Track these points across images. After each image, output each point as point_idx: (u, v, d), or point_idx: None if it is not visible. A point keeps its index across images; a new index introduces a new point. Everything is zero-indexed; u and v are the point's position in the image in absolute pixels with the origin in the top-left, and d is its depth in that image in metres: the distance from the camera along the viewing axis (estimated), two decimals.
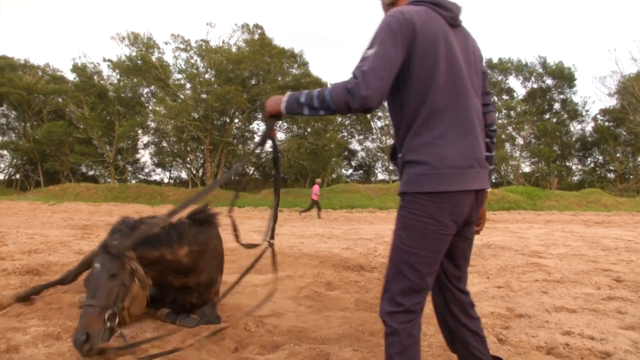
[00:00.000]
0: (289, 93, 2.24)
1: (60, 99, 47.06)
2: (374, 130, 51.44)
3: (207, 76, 40.69)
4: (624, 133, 45.12)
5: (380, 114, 50.09)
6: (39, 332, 3.23)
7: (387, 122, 50.32)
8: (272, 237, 3.09)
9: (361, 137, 51.97)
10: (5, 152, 48.87)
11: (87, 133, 43.31)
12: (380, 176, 53.40)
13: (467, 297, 2.35)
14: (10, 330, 3.30)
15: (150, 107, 44.39)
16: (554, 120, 47.35)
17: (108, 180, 46.64)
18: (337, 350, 2.94)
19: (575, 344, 3.27)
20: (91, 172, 49.94)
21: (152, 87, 43.92)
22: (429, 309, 2.47)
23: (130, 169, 49.94)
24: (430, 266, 2.07)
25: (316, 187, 22.20)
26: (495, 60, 47.68)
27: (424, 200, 2.02)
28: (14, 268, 5.62)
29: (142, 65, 39.26)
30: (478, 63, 2.28)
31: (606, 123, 46.48)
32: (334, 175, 46.65)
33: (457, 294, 2.31)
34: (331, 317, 3.87)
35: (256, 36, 40.49)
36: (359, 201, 31.53)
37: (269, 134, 2.59)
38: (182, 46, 41.00)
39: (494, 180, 48.34)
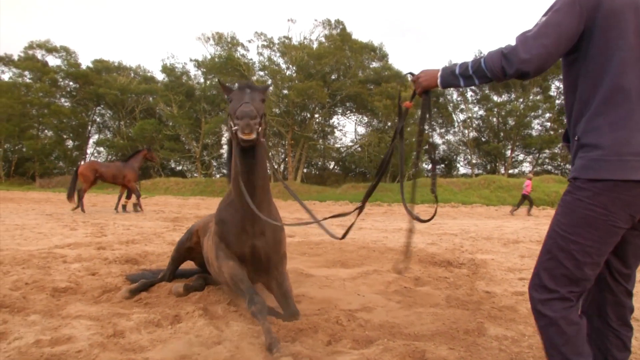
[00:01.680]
0: (442, 66, 2.22)
1: (151, 99, 49.62)
2: (456, 123, 50.08)
3: (288, 72, 41.31)
4: None
5: (462, 106, 48.76)
6: (141, 318, 3.39)
7: (470, 115, 48.89)
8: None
9: (442, 130, 50.79)
10: (101, 148, 52.33)
11: (176, 130, 45.51)
12: (462, 170, 52.00)
13: (630, 301, 2.15)
14: (115, 316, 3.49)
15: None
16: None
17: (195, 174, 48.71)
18: (432, 348, 2.86)
19: None
20: (179, 167, 52.38)
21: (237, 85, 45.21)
22: (524, 308, 2.29)
23: (215, 164, 51.82)
24: (591, 256, 1.91)
25: (528, 183, 21.95)
26: None
27: (597, 188, 1.86)
28: (114, 257, 5.97)
29: (227, 62, 40.48)
30: None
31: None
32: (413, 170, 45.93)
33: (619, 295, 2.12)
34: (422, 313, 3.78)
35: (337, 31, 40.54)
36: (441, 195, 30.83)
37: (429, 109, 2.59)
38: (264, 43, 41.89)
39: None
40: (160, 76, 50.84)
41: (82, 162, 17.19)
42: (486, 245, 8.49)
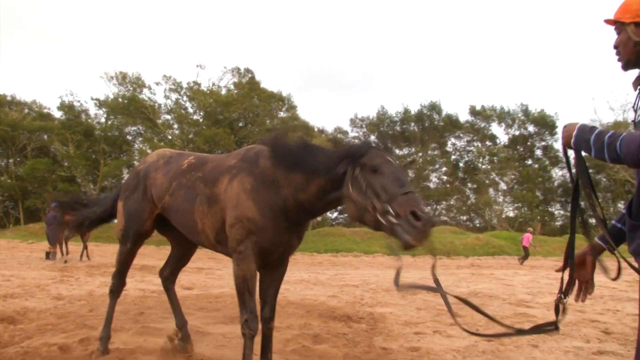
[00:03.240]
0: (580, 125, 2.02)
1: (45, 136, 46.75)
2: None
3: (195, 117, 40.88)
4: (604, 180, 45.88)
5: None
6: None
7: None
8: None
9: None
10: None
11: (72, 171, 42.99)
12: None
13: None
14: None
15: (137, 147, 44.34)
16: (536, 166, 48.14)
17: None
18: None
19: None
20: None
21: (140, 127, 43.93)
22: None
23: None
24: None
25: (529, 236, 23.58)
26: (478, 108, 48.73)
27: None
28: None
29: (131, 104, 39.39)
30: None
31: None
32: (319, 219, 46.47)
33: None
34: None
35: (245, 79, 40.96)
36: (344, 245, 31.36)
37: (569, 167, 2.33)
38: (173, 87, 41.32)
39: (477, 225, 48.58)
40: (57, 113, 48.24)
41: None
42: (385, 298, 8.66)
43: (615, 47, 2.05)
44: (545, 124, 47.08)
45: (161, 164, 4.01)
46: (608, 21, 2.07)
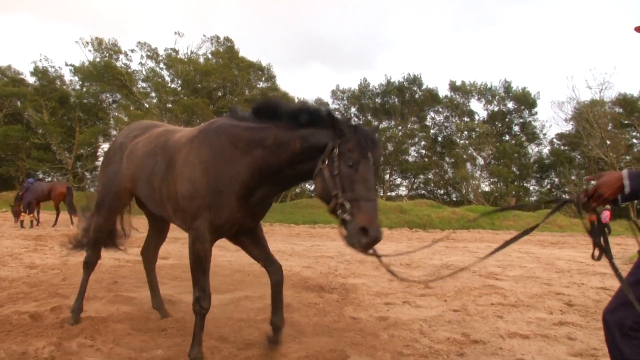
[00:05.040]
0: (626, 172, 2.05)
1: (18, 103, 45.66)
2: None
3: (172, 85, 40.24)
4: (579, 157, 46.74)
5: None
6: None
7: None
8: None
9: None
10: None
11: (46, 139, 42.17)
12: None
13: None
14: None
15: (113, 114, 43.57)
16: (513, 142, 48.72)
17: None
18: None
19: None
20: (48, 179, 48.47)
21: (116, 95, 43.12)
22: None
23: (89, 176, 48.74)
24: None
25: (608, 213, 22.83)
26: (458, 83, 48.84)
27: None
28: None
29: (106, 70, 38.54)
30: None
31: (562, 147, 48.04)
32: (297, 190, 46.58)
33: None
34: (288, 342, 3.84)
35: (222, 48, 40.34)
36: (321, 217, 31.47)
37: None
38: (148, 54, 40.48)
39: (454, 199, 49.26)
40: (31, 79, 47.01)
41: (62, 183, 17.75)
42: (359, 269, 8.80)
43: None
44: (525, 101, 47.48)
45: (136, 135, 4.07)
46: (638, 29, 2.19)
